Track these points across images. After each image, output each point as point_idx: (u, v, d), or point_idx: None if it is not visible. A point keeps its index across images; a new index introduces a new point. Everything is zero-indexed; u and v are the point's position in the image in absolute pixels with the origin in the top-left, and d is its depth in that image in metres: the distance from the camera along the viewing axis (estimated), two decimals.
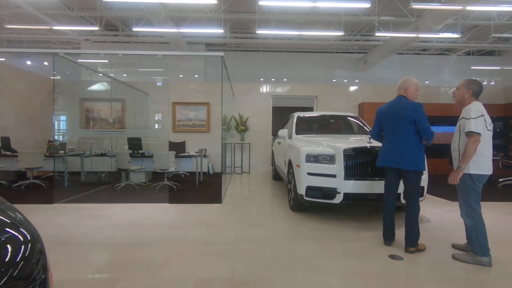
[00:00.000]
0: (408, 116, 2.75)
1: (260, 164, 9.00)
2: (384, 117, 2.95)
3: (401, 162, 2.76)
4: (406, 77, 2.98)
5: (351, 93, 9.22)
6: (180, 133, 8.73)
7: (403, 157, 2.75)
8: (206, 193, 5.62)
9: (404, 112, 2.77)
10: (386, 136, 2.95)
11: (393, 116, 2.85)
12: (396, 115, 2.82)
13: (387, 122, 2.92)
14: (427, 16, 7.27)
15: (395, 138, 2.84)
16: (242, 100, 9.00)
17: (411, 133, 2.78)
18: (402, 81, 2.97)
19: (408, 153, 2.75)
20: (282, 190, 5.97)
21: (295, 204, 4.19)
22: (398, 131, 2.82)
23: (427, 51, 12.23)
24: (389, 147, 2.86)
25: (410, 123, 2.75)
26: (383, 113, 2.98)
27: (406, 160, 2.75)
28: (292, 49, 12.30)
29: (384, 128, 2.97)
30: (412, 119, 2.74)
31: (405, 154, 2.76)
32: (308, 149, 3.89)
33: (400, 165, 2.77)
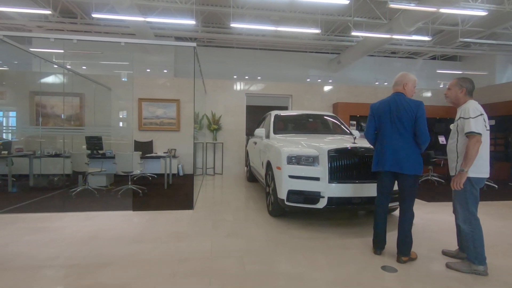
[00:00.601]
0: (410, 115, 2.53)
1: (233, 164, 8.61)
2: (381, 115, 2.68)
3: (402, 165, 2.53)
4: (404, 72, 2.75)
5: (326, 93, 9.14)
6: (147, 131, 8.07)
7: (404, 160, 2.52)
8: (176, 197, 5.12)
9: (406, 110, 2.54)
10: (383, 136, 2.68)
11: (392, 114, 2.60)
12: (396, 114, 2.58)
13: (384, 120, 2.65)
14: (400, 18, 7.35)
15: (394, 139, 2.59)
16: (214, 98, 8.54)
17: (411, 134, 2.56)
18: (400, 76, 2.73)
19: (409, 155, 2.53)
20: (258, 192, 5.64)
21: (274, 209, 3.87)
22: (397, 131, 2.58)
23: (396, 54, 12.60)
24: (387, 149, 2.60)
25: (411, 122, 2.53)
26: (380, 110, 2.71)
27: (406, 163, 2.51)
28: (266, 47, 12.05)
29: (381, 127, 2.70)
30: (414, 118, 2.52)
31: (405, 157, 2.52)
32: (289, 150, 3.59)
33: (401, 169, 2.53)
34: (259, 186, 6.32)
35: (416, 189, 2.59)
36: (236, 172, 8.58)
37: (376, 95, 9.27)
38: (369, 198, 3.36)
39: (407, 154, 2.53)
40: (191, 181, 6.78)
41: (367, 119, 2.86)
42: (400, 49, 11.09)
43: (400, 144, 2.56)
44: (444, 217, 4.07)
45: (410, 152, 2.53)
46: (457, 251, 2.65)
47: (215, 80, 8.64)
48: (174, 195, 5.29)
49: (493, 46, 11.14)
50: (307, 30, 7.26)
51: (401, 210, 2.61)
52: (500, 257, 2.70)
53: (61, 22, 9.13)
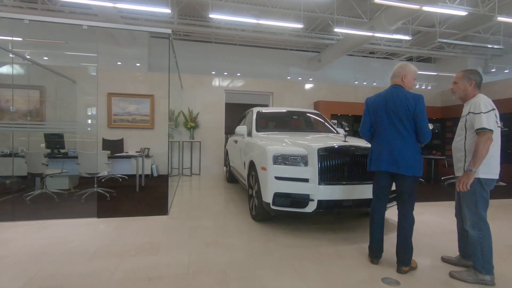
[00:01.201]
0: (408, 110, 2.29)
1: (211, 164, 8.18)
2: (377, 110, 2.44)
3: (401, 165, 2.28)
4: (403, 62, 2.51)
5: (307, 91, 8.96)
6: (117, 129, 7.44)
7: (403, 160, 2.28)
8: (149, 201, 4.65)
9: (403, 105, 2.31)
10: (379, 133, 2.44)
11: (390, 109, 2.36)
12: (394, 108, 2.34)
13: (381, 116, 2.41)
14: (382, 16, 7.30)
15: (392, 136, 2.35)
16: (192, 94, 8.06)
17: (411, 131, 2.32)
18: (398, 67, 2.49)
19: (408, 155, 2.29)
20: (239, 194, 5.29)
21: (258, 214, 3.53)
22: (396, 127, 2.34)
23: (375, 54, 12.74)
24: (385, 148, 2.36)
25: (409, 118, 2.30)
26: (375, 104, 2.46)
27: (406, 163, 2.28)
28: (246, 43, 11.70)
29: (377, 123, 2.45)
30: (412, 113, 2.29)
31: (403, 156, 2.29)
32: (275, 149, 3.27)
33: (399, 169, 2.29)
34: (239, 188, 5.97)
35: (416, 192, 2.37)
36: (214, 172, 8.16)
37: (356, 94, 9.24)
38: (361, 200, 3.13)
39: (405, 153, 2.30)
40: (166, 183, 6.29)
41: (363, 114, 2.60)
42: (378, 49, 11.19)
43: (397, 142, 2.32)
44: (432, 218, 3.95)
45: (409, 150, 2.30)
46: (458, 258, 2.46)
47: (193, 75, 8.17)
48: (147, 199, 4.80)
49: (465, 49, 11.55)
50: (289, 24, 7.01)
51: (400, 215, 2.37)
52: (500, 262, 2.54)
53: (19, 7, 8.22)
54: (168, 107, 4.34)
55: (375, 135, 2.49)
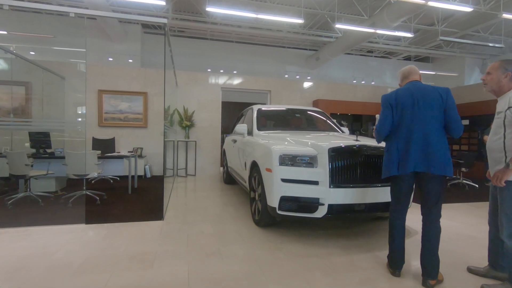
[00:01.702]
0: (439, 102, 2.08)
1: (207, 165, 7.89)
2: (404, 104, 2.17)
3: (432, 164, 2.04)
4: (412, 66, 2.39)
5: (306, 90, 8.73)
6: (109, 128, 7.09)
7: (435, 157, 2.04)
8: (142, 204, 4.33)
9: (436, 95, 2.09)
10: (405, 130, 2.16)
11: (418, 104, 2.13)
12: (423, 102, 2.11)
13: (408, 110, 2.15)
14: (384, 12, 7.11)
15: (422, 131, 2.09)
16: (187, 91, 7.75)
17: (441, 126, 2.10)
18: (410, 67, 2.37)
19: (441, 151, 2.06)
20: (239, 197, 5.01)
21: (262, 218, 3.26)
22: (424, 122, 2.09)
23: (373, 53, 12.59)
24: (414, 145, 2.10)
25: (441, 111, 2.08)
26: (400, 98, 2.20)
27: (438, 161, 2.03)
28: (242, 40, 11.42)
29: (401, 120, 2.19)
30: (444, 106, 2.07)
31: (438, 153, 2.05)
32: (282, 149, 3.02)
33: (429, 168, 2.04)
34: (238, 189, 5.69)
35: (443, 194, 2.14)
36: (211, 173, 7.87)
37: (355, 93, 9.06)
38: (374, 204, 2.90)
39: (438, 150, 2.05)
40: (160, 184, 5.97)
41: (381, 112, 2.32)
42: (377, 48, 11.04)
43: (428, 137, 2.07)
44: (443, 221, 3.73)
45: (442, 147, 2.07)
46: (487, 268, 2.23)
47: (188, 72, 7.86)
48: (140, 202, 4.49)
49: (463, 48, 11.48)
50: (289, 19, 6.76)
51: (426, 222, 2.13)
52: None
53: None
54: (163, 104, 4.04)
55: (398, 134, 2.21)
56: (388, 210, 2.95)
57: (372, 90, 9.30)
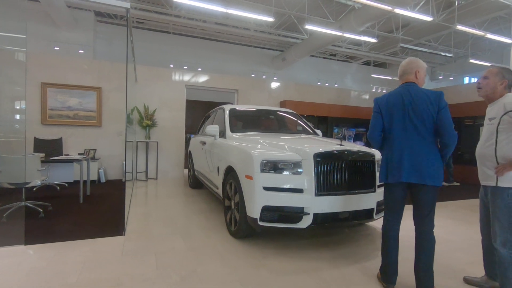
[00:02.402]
0: (430, 109, 1.97)
1: (170, 167, 7.35)
2: (392, 110, 2.09)
3: (423, 174, 1.96)
4: (413, 58, 2.20)
5: (274, 90, 8.60)
6: (54, 126, 6.22)
7: (427, 167, 1.96)
8: (97, 216, 3.77)
9: (425, 103, 1.99)
10: (394, 137, 2.09)
11: (407, 109, 2.04)
12: (414, 107, 2.01)
13: (397, 117, 2.07)
14: (351, 16, 7.25)
15: (412, 140, 2.02)
16: (148, 88, 7.13)
17: (432, 133, 2.01)
18: (409, 63, 2.17)
19: (430, 161, 1.97)
20: (208, 203, 4.65)
21: (240, 230, 2.97)
22: (416, 129, 2.01)
23: (335, 56, 12.95)
24: (405, 154, 2.02)
25: (432, 118, 1.98)
26: (390, 104, 2.11)
27: (428, 171, 1.95)
28: (207, 36, 10.96)
29: (392, 126, 2.10)
30: (435, 112, 1.98)
31: (427, 163, 1.96)
32: (263, 154, 2.76)
33: (421, 178, 1.95)
34: (206, 194, 5.32)
35: (435, 204, 2.06)
36: (174, 176, 7.34)
37: (322, 95, 9.17)
38: (358, 212, 2.79)
39: (428, 159, 1.98)
40: (117, 190, 5.37)
41: (372, 117, 2.22)
42: (339, 51, 11.35)
43: (419, 147, 2.00)
44: None
45: (432, 156, 1.99)
46: (484, 278, 2.21)
47: (149, 67, 7.24)
48: (95, 213, 3.91)
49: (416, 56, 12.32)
50: (260, 16, 6.54)
51: (419, 233, 2.04)
52: None
53: None
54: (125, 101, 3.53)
55: (389, 140, 2.14)
56: (369, 218, 2.93)
57: (337, 92, 9.50)
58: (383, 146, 2.20)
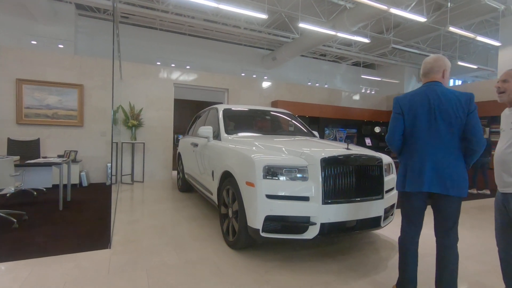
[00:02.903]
0: (460, 112, 1.79)
1: (158, 170, 7.01)
2: (416, 111, 1.88)
3: (447, 184, 1.78)
4: (439, 55, 1.98)
5: (265, 89, 8.39)
6: (31, 126, 5.77)
7: (452, 177, 1.78)
8: (79, 225, 3.44)
9: (457, 106, 1.80)
10: (417, 142, 1.89)
11: (433, 111, 1.83)
12: (442, 110, 1.82)
13: (421, 119, 1.87)
14: (344, 16, 7.15)
15: (435, 146, 1.83)
16: (134, 86, 6.76)
17: (458, 139, 1.83)
18: (436, 60, 1.93)
19: (456, 170, 1.80)
20: (200, 208, 4.39)
21: (239, 240, 2.74)
22: (440, 135, 1.82)
23: (325, 56, 12.90)
24: (428, 161, 1.83)
25: (461, 123, 1.80)
26: (413, 105, 1.90)
27: (453, 181, 1.78)
28: (196, 33, 10.62)
29: (414, 129, 1.90)
30: (465, 116, 1.80)
31: (452, 172, 1.79)
32: (266, 159, 2.55)
33: (446, 189, 1.78)
34: (197, 198, 5.05)
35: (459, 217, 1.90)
36: (161, 179, 7.01)
37: (313, 95, 9.04)
38: (366, 220, 2.63)
39: (454, 168, 1.80)
40: (101, 194, 5.01)
41: (392, 118, 2.01)
42: (330, 51, 11.28)
43: (444, 153, 1.81)
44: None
45: (458, 165, 1.82)
46: None
47: (135, 64, 6.86)
48: (76, 222, 3.57)
49: (404, 58, 12.45)
50: (254, 13, 6.32)
51: (442, 247, 1.87)
52: None
53: None
54: (112, 99, 3.21)
55: (410, 145, 1.94)
56: (377, 226, 2.77)
57: (328, 92, 9.40)
58: (401, 151, 2.02)
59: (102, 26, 9.31)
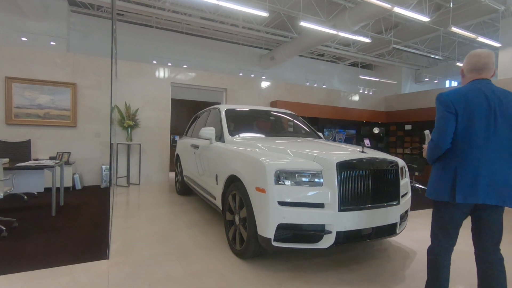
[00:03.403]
0: None
1: (154, 172, 6.79)
2: (473, 111, 1.63)
3: (506, 195, 1.59)
4: (488, 51, 1.74)
5: (264, 89, 8.24)
6: (21, 127, 5.51)
7: (508, 187, 1.60)
8: (74, 233, 3.22)
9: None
10: (472, 146, 1.63)
11: (494, 113, 1.61)
12: (503, 113, 1.61)
13: (480, 122, 1.62)
14: (346, 15, 7.04)
15: (492, 152, 1.61)
16: (129, 85, 6.54)
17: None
18: (491, 55, 1.71)
19: None
20: (201, 213, 4.20)
21: (248, 250, 2.57)
22: (499, 139, 1.62)
23: (323, 56, 12.80)
24: (482, 169, 1.61)
25: None
26: (470, 103, 1.63)
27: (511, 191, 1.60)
28: (193, 32, 10.41)
29: (468, 131, 1.64)
30: None
31: (509, 182, 1.61)
32: (277, 163, 2.39)
33: (503, 200, 1.59)
34: (197, 201, 4.86)
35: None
36: (158, 181, 6.79)
37: (312, 95, 8.92)
38: (382, 227, 2.50)
39: (510, 177, 1.62)
40: (96, 198, 4.79)
41: (441, 117, 1.70)
42: (328, 51, 11.18)
43: (501, 161, 1.62)
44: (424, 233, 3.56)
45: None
46: None
47: (131, 63, 6.64)
48: (70, 229, 3.35)
49: (401, 58, 12.43)
50: (255, 11, 6.16)
51: (492, 261, 1.67)
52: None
53: None
54: (111, 97, 3.00)
55: (460, 149, 1.67)
56: (393, 233, 2.63)
57: (327, 93, 9.30)
58: (445, 155, 1.73)
59: (96, 23, 9.04)
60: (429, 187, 1.78)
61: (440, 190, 1.71)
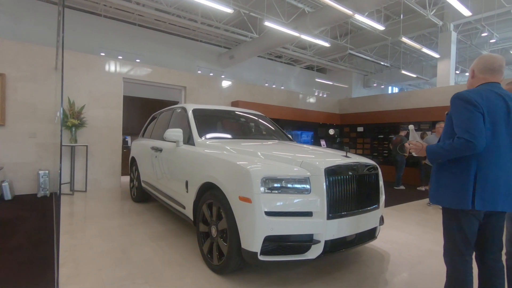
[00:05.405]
0: None
1: (104, 176, 6.08)
2: (495, 115, 1.55)
3: None
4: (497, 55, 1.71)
5: (225, 89, 7.98)
6: None
7: None
8: (8, 258, 2.62)
9: None
10: (493, 151, 1.56)
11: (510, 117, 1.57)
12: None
13: (501, 126, 1.56)
14: (307, 19, 7.14)
15: (508, 158, 1.57)
16: (73, 79, 5.74)
17: None
18: (503, 59, 1.67)
19: None
20: (164, 223, 3.81)
21: (228, 265, 2.33)
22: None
23: (281, 58, 12.95)
24: (501, 175, 1.55)
25: None
26: (492, 107, 1.55)
27: None
28: (146, 24, 9.65)
29: (494, 135, 1.56)
30: None
31: None
32: (263, 169, 2.20)
33: None
34: (157, 209, 4.42)
35: None
36: (108, 187, 6.10)
37: (272, 96, 8.92)
38: (364, 233, 2.48)
39: None
40: (32, 211, 4.05)
41: (469, 117, 1.54)
42: (286, 53, 11.33)
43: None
44: (408, 238, 3.71)
45: None
46: None
47: (75, 53, 5.84)
48: (3, 251, 2.72)
49: (352, 64, 13.19)
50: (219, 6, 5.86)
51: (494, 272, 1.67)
52: None
53: None
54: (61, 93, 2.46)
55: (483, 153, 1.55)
56: (372, 238, 2.63)
57: (287, 94, 9.39)
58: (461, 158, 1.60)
59: (29, 6, 7.82)
60: (442, 194, 1.66)
61: (462, 197, 1.57)
